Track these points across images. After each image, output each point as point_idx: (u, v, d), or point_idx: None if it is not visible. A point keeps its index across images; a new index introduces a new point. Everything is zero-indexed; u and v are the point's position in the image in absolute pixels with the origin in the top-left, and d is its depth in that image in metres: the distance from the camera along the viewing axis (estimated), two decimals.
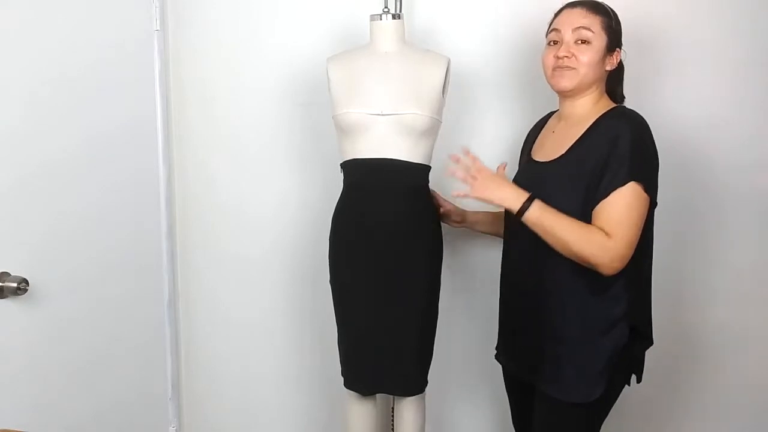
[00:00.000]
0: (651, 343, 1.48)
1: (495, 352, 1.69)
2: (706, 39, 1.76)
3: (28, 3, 1.55)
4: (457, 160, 1.47)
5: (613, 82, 1.50)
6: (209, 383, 2.28)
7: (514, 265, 1.55)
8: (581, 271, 1.37)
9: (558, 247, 1.36)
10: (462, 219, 1.78)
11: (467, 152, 1.47)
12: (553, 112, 1.62)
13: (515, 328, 1.56)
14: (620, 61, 1.48)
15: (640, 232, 1.34)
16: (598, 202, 1.34)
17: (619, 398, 1.48)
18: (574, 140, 1.42)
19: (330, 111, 1.70)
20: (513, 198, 1.39)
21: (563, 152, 1.43)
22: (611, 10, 1.45)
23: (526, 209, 1.36)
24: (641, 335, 1.45)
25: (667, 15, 1.77)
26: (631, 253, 1.33)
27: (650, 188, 1.35)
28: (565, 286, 1.41)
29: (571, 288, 1.41)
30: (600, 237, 1.32)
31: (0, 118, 1.47)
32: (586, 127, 1.42)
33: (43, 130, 1.59)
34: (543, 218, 1.36)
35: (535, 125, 1.66)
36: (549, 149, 1.49)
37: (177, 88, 2.15)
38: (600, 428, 1.50)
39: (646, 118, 1.40)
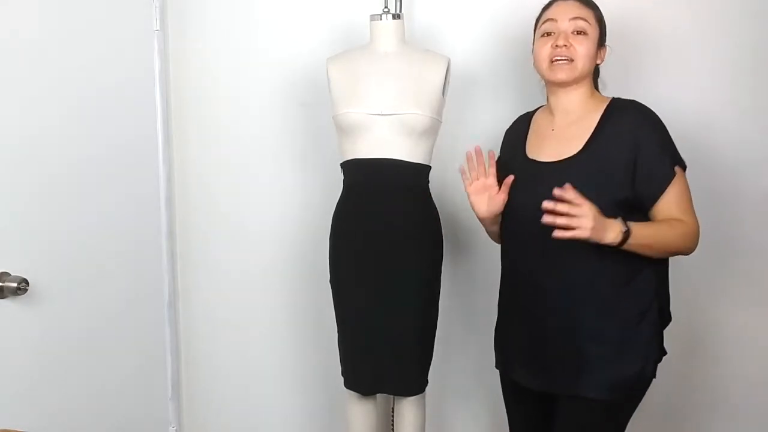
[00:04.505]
0: (670, 319, 1.46)
1: (498, 368, 1.58)
2: (705, 39, 1.76)
3: (28, 3, 1.55)
4: (560, 198, 1.25)
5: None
6: (209, 383, 2.28)
7: (530, 269, 1.43)
8: (606, 260, 1.32)
9: (653, 253, 1.34)
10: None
11: (559, 195, 1.25)
12: (532, 111, 1.55)
13: (539, 337, 1.42)
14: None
15: None
16: (656, 199, 1.34)
17: None
18: (587, 137, 1.37)
19: (330, 111, 1.70)
20: (613, 229, 1.27)
21: (578, 150, 1.37)
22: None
23: (628, 237, 1.27)
24: (664, 314, 1.43)
25: (665, 16, 1.77)
26: None
27: (684, 167, 1.39)
28: (596, 280, 1.34)
29: (602, 280, 1.34)
30: (684, 227, 1.34)
31: None
32: (594, 122, 1.38)
33: (43, 131, 1.59)
34: (641, 237, 1.28)
35: (517, 123, 1.58)
36: (554, 148, 1.41)
37: (177, 88, 2.15)
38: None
39: None
